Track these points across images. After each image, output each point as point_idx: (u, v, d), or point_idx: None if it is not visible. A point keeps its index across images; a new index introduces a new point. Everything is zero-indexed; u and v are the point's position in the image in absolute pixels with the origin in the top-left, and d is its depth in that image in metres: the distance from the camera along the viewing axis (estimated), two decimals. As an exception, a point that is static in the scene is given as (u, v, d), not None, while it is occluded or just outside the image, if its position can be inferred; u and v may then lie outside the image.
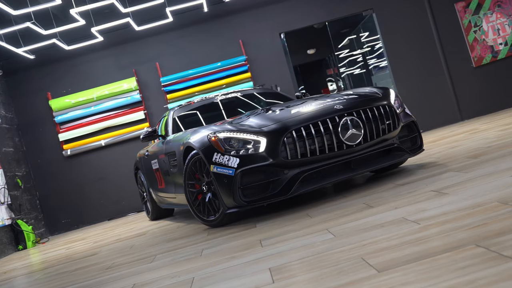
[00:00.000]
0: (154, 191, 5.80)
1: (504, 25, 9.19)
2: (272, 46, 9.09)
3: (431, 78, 9.14)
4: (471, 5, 9.21)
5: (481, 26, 9.20)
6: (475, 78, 9.14)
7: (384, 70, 10.16)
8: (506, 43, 9.18)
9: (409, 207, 2.69)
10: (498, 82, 9.10)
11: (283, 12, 9.13)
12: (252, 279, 2.12)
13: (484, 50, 9.19)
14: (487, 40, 9.20)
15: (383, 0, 9.17)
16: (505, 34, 9.19)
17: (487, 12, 9.20)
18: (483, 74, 9.12)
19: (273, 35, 9.10)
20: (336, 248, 2.23)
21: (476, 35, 9.20)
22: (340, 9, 9.21)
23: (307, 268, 2.04)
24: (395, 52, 9.17)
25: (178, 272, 2.66)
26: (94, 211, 8.90)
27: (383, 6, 9.18)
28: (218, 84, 8.85)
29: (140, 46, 9.00)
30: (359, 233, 2.39)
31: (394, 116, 3.96)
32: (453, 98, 9.10)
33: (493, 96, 9.09)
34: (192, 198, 4.14)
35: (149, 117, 8.96)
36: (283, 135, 3.59)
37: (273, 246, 2.66)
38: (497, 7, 9.19)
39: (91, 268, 3.72)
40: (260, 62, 9.05)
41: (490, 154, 3.81)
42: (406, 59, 9.13)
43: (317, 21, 9.45)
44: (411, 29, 9.18)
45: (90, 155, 8.90)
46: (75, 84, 8.93)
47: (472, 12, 9.21)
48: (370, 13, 9.34)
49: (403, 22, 9.19)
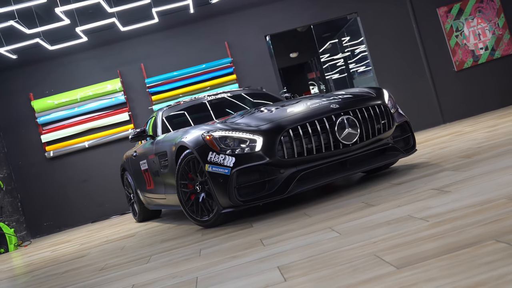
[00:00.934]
0: (142, 192, 5.68)
1: (485, 30, 9.31)
2: (257, 48, 9.04)
3: (414, 82, 9.20)
4: (452, 10, 9.31)
5: (462, 31, 9.30)
6: (456, 81, 9.23)
7: (365, 74, 10.21)
8: (486, 48, 9.29)
9: (412, 205, 2.65)
10: (478, 86, 9.20)
11: (268, 14, 9.08)
12: (261, 278, 2.04)
13: (466, 54, 9.29)
14: (468, 44, 9.31)
15: (367, 5, 9.20)
16: (485, 39, 9.31)
17: (468, 17, 9.31)
18: (464, 78, 9.21)
19: (258, 38, 9.05)
20: (344, 246, 2.17)
21: (458, 39, 9.29)
22: (325, 12, 9.20)
23: (318, 266, 1.98)
24: (379, 55, 9.20)
25: (179, 272, 2.57)
26: (77, 214, 8.71)
27: (367, 10, 9.21)
28: (203, 86, 8.76)
29: (125, 47, 8.86)
30: (365, 231, 2.34)
31: (389, 115, 3.94)
32: (436, 101, 9.17)
33: (474, 99, 9.19)
34: (184, 199, 4.04)
35: (133, 119, 8.81)
36: (280, 134, 3.53)
37: (276, 245, 2.59)
38: (478, 12, 9.31)
39: (83, 270, 3.60)
40: (245, 64, 8.99)
41: (483, 154, 3.81)
42: (389, 63, 9.17)
43: (303, 24, 9.43)
44: (395, 33, 9.23)
45: (73, 157, 8.71)
46: (58, 85, 8.74)
47: (453, 17, 9.31)
48: (354, 17, 9.37)
49: (387, 26, 9.23)
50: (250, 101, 5.52)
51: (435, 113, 9.16)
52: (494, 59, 9.28)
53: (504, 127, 5.49)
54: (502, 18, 9.31)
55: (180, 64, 8.84)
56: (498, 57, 9.29)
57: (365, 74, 10.27)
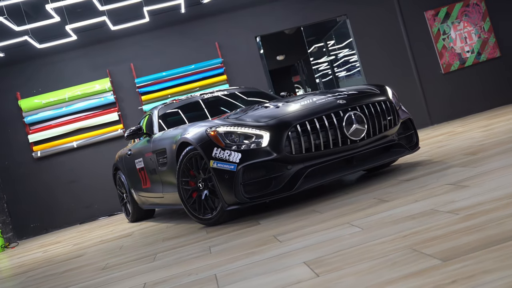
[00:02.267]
0: (137, 192, 5.50)
1: (471, 33, 9.35)
2: (248, 49, 8.93)
3: (402, 84, 9.18)
4: (440, 13, 9.33)
5: (449, 34, 9.33)
6: (444, 84, 9.25)
7: (351, 77, 10.18)
8: (472, 51, 9.33)
9: (431, 199, 2.55)
10: (465, 89, 9.23)
11: (259, 16, 8.98)
12: (289, 273, 1.92)
13: (452, 57, 9.31)
14: (455, 47, 9.34)
15: (357, 7, 9.17)
16: (471, 43, 9.35)
17: (455, 20, 9.35)
18: (451, 81, 9.24)
19: (249, 39, 8.94)
20: (372, 240, 2.06)
21: (445, 42, 9.32)
22: (315, 14, 9.14)
23: (350, 260, 1.86)
24: (368, 57, 9.17)
25: (192, 270, 2.43)
26: (64, 215, 8.45)
27: (357, 13, 9.18)
28: (194, 86, 8.60)
29: (114, 46, 8.66)
30: (389, 225, 2.24)
31: (394, 112, 3.85)
32: (423, 103, 9.17)
33: (461, 101, 9.22)
34: (186, 196, 3.89)
35: (123, 119, 8.61)
36: (288, 129, 3.41)
37: (293, 241, 2.47)
38: (464, 16, 9.35)
39: (83, 269, 3.42)
40: (236, 65, 8.86)
41: (488, 151, 3.75)
42: (378, 65, 9.14)
43: (293, 26, 9.35)
44: (384, 36, 9.21)
45: (61, 157, 8.46)
46: (46, 84, 8.49)
47: (441, 21, 9.33)
48: (344, 19, 9.32)
49: (376, 28, 9.21)
50: (246, 99, 5.39)
51: (423, 114, 9.16)
52: (480, 62, 9.33)
53: (499, 126, 5.47)
54: (487, 22, 9.37)
55: (171, 64, 8.68)
56: (484, 60, 9.34)
57: (352, 77, 10.25)
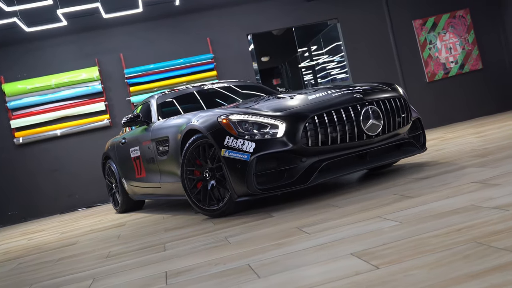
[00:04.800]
0: (128, 181, 5.23)
1: (456, 45, 9.39)
2: (239, 46, 8.73)
3: (388, 90, 9.12)
4: (427, 23, 9.34)
5: (435, 44, 9.34)
6: (428, 92, 9.24)
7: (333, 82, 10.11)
8: (456, 62, 9.37)
9: (466, 196, 2.41)
10: (448, 98, 9.25)
11: (252, 14, 8.80)
12: (339, 264, 1.73)
13: (437, 66, 9.33)
14: (440, 57, 9.35)
15: (348, 12, 9.09)
16: (456, 53, 9.39)
17: (441, 31, 9.37)
18: (435, 89, 9.24)
19: (240, 36, 8.74)
20: (420, 234, 1.89)
21: (431, 52, 9.33)
22: (307, 16, 9.01)
23: (407, 253, 1.69)
24: (356, 61, 9.09)
25: (217, 260, 2.21)
26: (44, 204, 8.05)
27: (348, 17, 9.09)
28: (183, 80, 8.34)
29: (105, 35, 8.32)
30: (432, 220, 2.07)
31: (408, 110, 3.73)
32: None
33: (443, 110, 9.23)
34: (190, 186, 3.66)
35: (109, 109, 8.27)
36: (305, 120, 3.23)
37: (323, 233, 2.28)
38: (450, 27, 9.38)
39: (83, 257, 3.15)
40: (226, 61, 8.65)
41: (496, 154, 3.65)
42: (366, 70, 9.07)
43: (284, 26, 9.19)
44: (372, 41, 9.15)
45: (44, 145, 8.07)
46: (32, 69, 8.09)
47: (428, 30, 9.34)
48: (334, 23, 9.23)
49: (365, 34, 9.14)
50: (246, 92, 5.19)
51: (407, 121, 9.11)
52: (463, 73, 9.37)
53: (492, 133, 5.42)
54: (472, 35, 9.42)
55: (161, 56, 8.40)
56: (467, 71, 9.38)
57: (334, 82, 10.17)
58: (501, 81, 9.47)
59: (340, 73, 10.06)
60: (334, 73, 10.60)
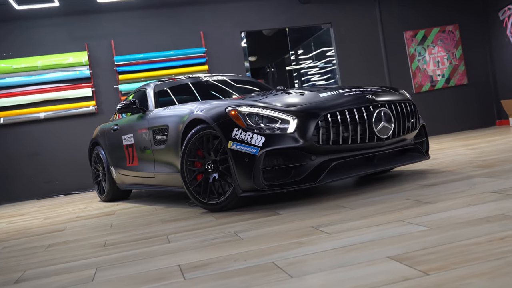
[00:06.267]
0: (118, 170, 5.00)
1: (444, 59, 9.44)
2: (232, 43, 8.57)
3: (375, 97, 9.09)
4: (418, 35, 9.36)
5: (424, 56, 9.37)
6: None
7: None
8: (443, 76, 9.42)
9: (488, 205, 2.31)
10: (433, 110, 9.29)
11: (246, 11, 8.65)
12: (380, 268, 1.59)
13: (424, 78, 9.35)
14: (428, 70, 9.39)
15: (342, 17, 9.03)
16: (443, 67, 9.43)
17: (430, 44, 9.40)
18: (421, 101, 9.25)
19: (234, 32, 8.58)
20: (459, 240, 1.77)
21: (419, 64, 9.35)
22: (301, 18, 8.91)
23: (454, 259, 1.56)
24: (346, 67, 9.04)
25: (235, 255, 2.05)
26: (21, 188, 7.72)
27: (341, 23, 9.03)
28: (172, 72, 8.13)
29: (97, 20, 8.04)
30: (465, 227, 1.96)
31: (417, 115, 3.63)
32: (393, 119, 9.12)
33: (429, 122, 9.24)
34: (190, 178, 3.48)
35: (96, 96, 7.99)
36: (318, 117, 3.09)
37: (345, 234, 2.15)
38: (440, 41, 9.43)
39: (77, 244, 2.94)
40: (218, 56, 8.47)
41: (500, 166, 3.59)
42: (355, 76, 9.02)
43: (278, 26, 9.07)
44: (364, 48, 9.11)
45: (26, 127, 7.73)
46: (19, 48, 7.75)
47: (418, 42, 9.36)
48: (328, 27, 9.15)
49: (357, 40, 9.10)
50: (242, 87, 5.04)
51: (392, 130, 9.10)
52: (448, 86, 9.43)
53: (484, 146, 5.41)
54: (459, 50, 9.49)
55: (153, 46, 8.18)
56: (453, 85, 9.44)
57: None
58: (484, 97, 9.56)
59: (322, 79, 10.03)
60: (315, 79, 10.56)
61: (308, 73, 11.29)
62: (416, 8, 9.33)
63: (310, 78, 11.18)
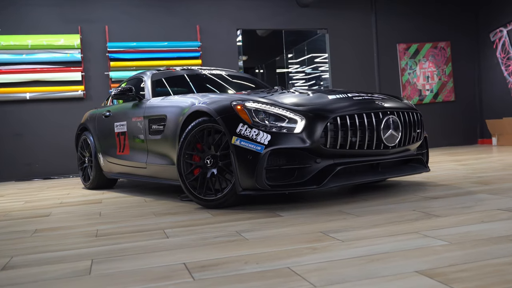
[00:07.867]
0: (107, 157, 4.79)
1: (433, 74, 9.45)
2: (228, 39, 8.40)
3: (364, 106, 9.03)
4: (410, 48, 9.35)
5: (414, 70, 9.36)
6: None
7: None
8: (432, 91, 9.43)
9: (505, 223, 2.21)
10: (419, 123, 9.26)
11: (244, 9, 8.49)
12: (412, 283, 1.45)
13: (414, 92, 9.34)
14: (417, 84, 9.38)
15: (338, 24, 8.95)
16: (432, 82, 9.44)
17: (422, 59, 9.40)
18: (408, 113, 9.23)
19: (230, 29, 8.41)
20: (489, 259, 1.65)
21: (409, 77, 9.33)
22: (298, 21, 8.80)
23: (492, 279, 1.44)
24: (339, 74, 8.96)
25: (245, 257, 1.89)
26: (0, 168, 7.39)
27: (337, 30, 8.95)
28: (166, 64, 7.92)
29: (93, 4, 7.77)
30: (490, 244, 1.84)
31: (422, 126, 3.53)
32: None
33: (414, 135, 9.23)
34: (186, 171, 3.31)
35: (85, 80, 7.72)
36: (327, 120, 2.96)
37: (361, 242, 2.01)
38: (431, 56, 9.43)
39: (66, 232, 2.73)
40: (213, 52, 8.29)
41: (499, 184, 3.53)
42: (347, 83, 8.95)
43: (274, 27, 8.94)
44: (357, 57, 9.05)
45: (10, 106, 7.42)
46: (9, 25, 7.43)
47: (410, 55, 9.35)
48: (323, 33, 9.06)
49: (351, 47, 9.03)
50: (241, 83, 4.89)
51: (378, 140, 9.05)
52: (436, 102, 9.44)
53: (474, 163, 5.37)
54: (449, 67, 9.51)
55: (148, 36, 7.95)
56: (440, 101, 9.46)
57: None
58: (469, 115, 9.61)
59: (306, 84, 9.96)
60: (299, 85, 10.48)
61: (294, 78, 11.20)
62: (412, 22, 9.31)
63: (295, 83, 11.10)
